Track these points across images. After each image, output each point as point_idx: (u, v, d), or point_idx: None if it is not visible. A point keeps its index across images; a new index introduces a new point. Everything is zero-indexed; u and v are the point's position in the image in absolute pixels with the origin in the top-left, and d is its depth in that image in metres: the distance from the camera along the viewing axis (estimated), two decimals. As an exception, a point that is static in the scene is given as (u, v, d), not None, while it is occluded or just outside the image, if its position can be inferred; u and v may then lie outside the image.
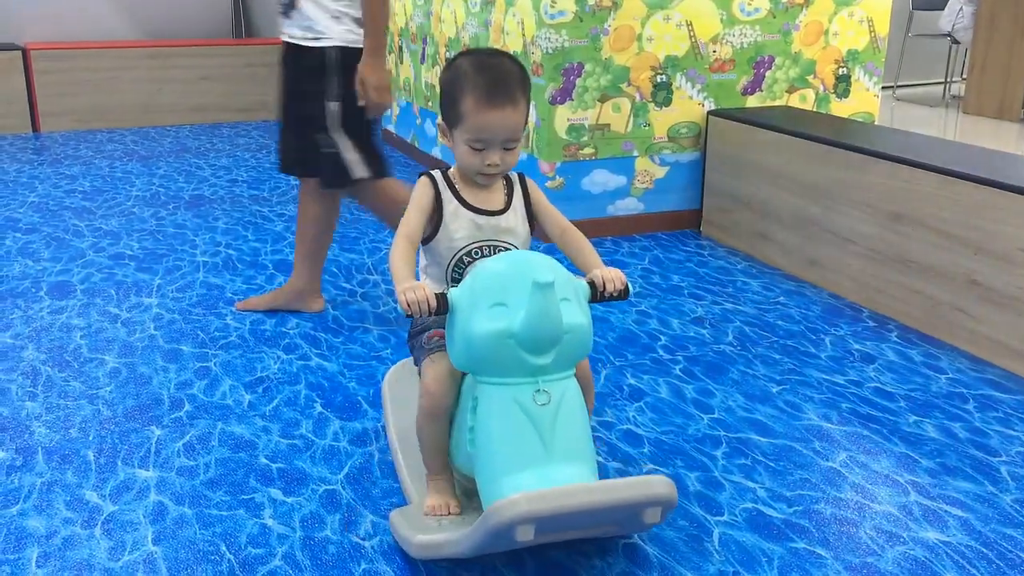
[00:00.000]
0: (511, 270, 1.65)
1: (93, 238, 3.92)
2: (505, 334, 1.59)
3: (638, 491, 1.52)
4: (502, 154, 1.82)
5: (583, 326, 1.66)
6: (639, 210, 4.02)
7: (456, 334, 1.67)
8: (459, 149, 1.85)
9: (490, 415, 1.64)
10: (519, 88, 1.81)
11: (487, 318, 1.61)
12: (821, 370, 2.68)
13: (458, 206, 1.88)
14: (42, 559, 1.81)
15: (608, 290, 1.78)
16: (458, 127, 1.82)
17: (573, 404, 1.66)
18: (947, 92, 7.62)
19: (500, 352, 1.60)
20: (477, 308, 1.63)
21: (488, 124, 1.78)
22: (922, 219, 2.95)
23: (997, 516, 1.97)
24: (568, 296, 1.66)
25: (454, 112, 1.82)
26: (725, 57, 3.97)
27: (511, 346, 1.60)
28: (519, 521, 1.45)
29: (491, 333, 1.60)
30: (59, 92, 6.32)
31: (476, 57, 1.85)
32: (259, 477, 2.10)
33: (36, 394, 2.50)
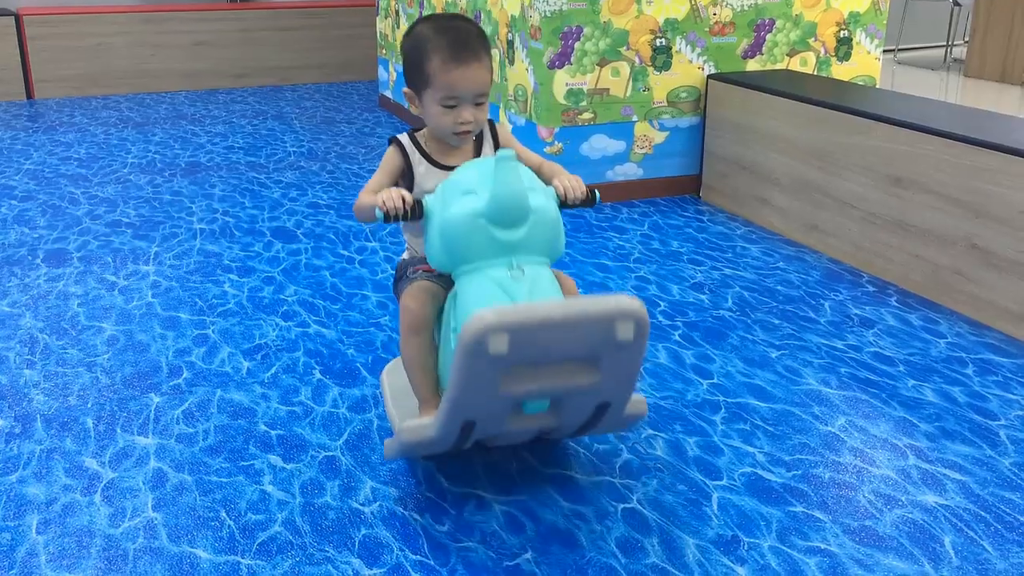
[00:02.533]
0: (478, 165, 1.77)
1: (89, 205, 3.90)
2: (475, 214, 1.68)
3: (606, 303, 1.54)
4: (473, 111, 1.88)
5: (548, 209, 1.74)
6: (638, 175, 3.99)
7: (432, 231, 1.75)
8: (430, 111, 1.90)
9: (467, 296, 1.69)
10: (481, 46, 1.88)
11: (458, 205, 1.70)
12: (820, 335, 2.67)
13: (428, 166, 1.94)
14: (42, 526, 1.81)
15: (569, 197, 1.86)
16: (427, 89, 1.87)
17: (548, 283, 1.71)
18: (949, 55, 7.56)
19: (473, 235, 1.68)
20: (449, 201, 1.73)
21: (457, 80, 1.84)
22: (923, 183, 2.93)
23: (995, 479, 1.98)
24: (535, 187, 1.76)
25: (421, 76, 1.87)
26: (725, 20, 3.93)
27: (482, 226, 1.67)
28: (491, 329, 1.46)
29: (462, 215, 1.68)
30: (53, 58, 6.26)
31: (435, 21, 1.91)
32: (258, 444, 2.10)
33: (34, 362, 2.50)
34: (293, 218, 3.73)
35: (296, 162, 4.62)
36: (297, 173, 4.41)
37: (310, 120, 5.61)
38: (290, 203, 3.93)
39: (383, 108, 5.94)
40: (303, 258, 3.28)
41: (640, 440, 2.12)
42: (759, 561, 1.72)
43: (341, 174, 4.39)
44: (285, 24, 6.75)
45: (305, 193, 4.07)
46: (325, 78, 6.94)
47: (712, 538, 1.78)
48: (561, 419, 1.73)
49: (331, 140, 5.09)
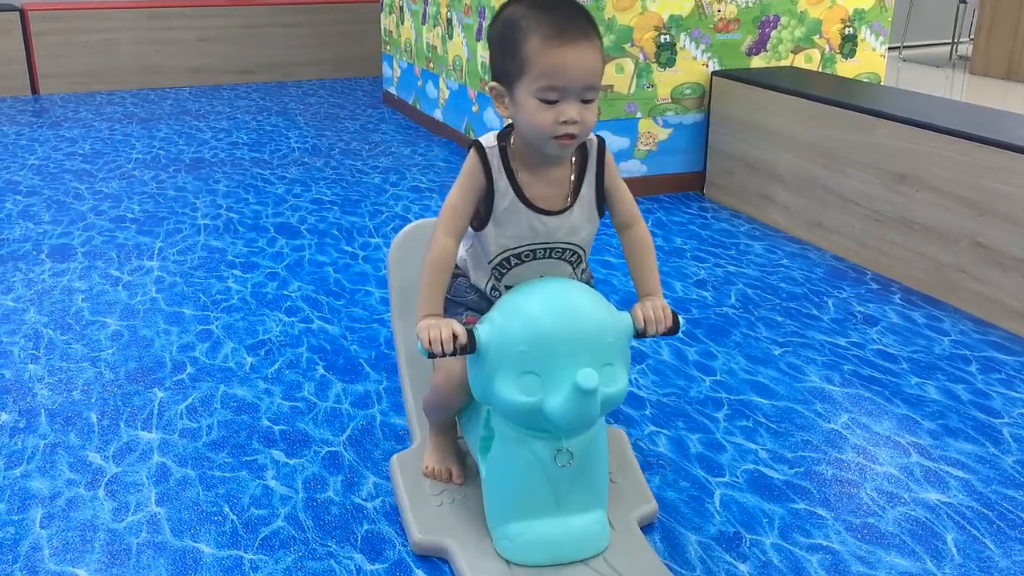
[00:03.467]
0: (550, 330, 1.46)
1: (94, 201, 3.91)
2: (535, 408, 1.47)
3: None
4: (580, 108, 1.47)
5: (620, 392, 1.51)
6: (642, 172, 3.99)
7: (480, 379, 1.53)
8: (525, 109, 1.49)
9: (505, 459, 1.59)
10: (592, 26, 1.49)
11: (516, 386, 1.46)
12: (823, 332, 2.67)
13: (514, 200, 1.57)
14: (46, 520, 1.82)
15: (650, 333, 1.58)
16: (522, 78, 1.47)
17: (593, 457, 1.59)
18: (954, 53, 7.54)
19: (527, 419, 1.51)
20: (506, 368, 1.47)
21: (562, 63, 1.44)
22: (927, 180, 2.93)
23: (998, 477, 1.97)
24: (610, 359, 1.49)
25: (515, 62, 1.48)
26: (730, 16, 3.92)
27: (540, 419, 1.48)
28: None
29: (519, 404, 1.47)
30: (58, 54, 6.27)
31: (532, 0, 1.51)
32: (261, 439, 2.10)
33: (38, 356, 2.50)
34: (297, 214, 3.73)
35: (300, 158, 4.62)
36: (301, 169, 4.41)
37: (314, 116, 5.61)
38: (294, 199, 3.93)
39: (387, 104, 5.94)
40: (307, 254, 3.29)
41: (643, 437, 2.12)
42: (761, 558, 1.72)
43: (345, 170, 4.39)
44: (289, 20, 6.76)
45: (309, 189, 4.08)
46: (329, 74, 6.94)
47: (714, 535, 1.78)
48: None
49: (335, 136, 5.10)
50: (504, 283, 1.65)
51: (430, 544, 1.69)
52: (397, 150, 4.79)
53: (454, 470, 1.82)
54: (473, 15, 4.43)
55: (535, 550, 1.60)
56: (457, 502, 1.77)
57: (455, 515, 1.74)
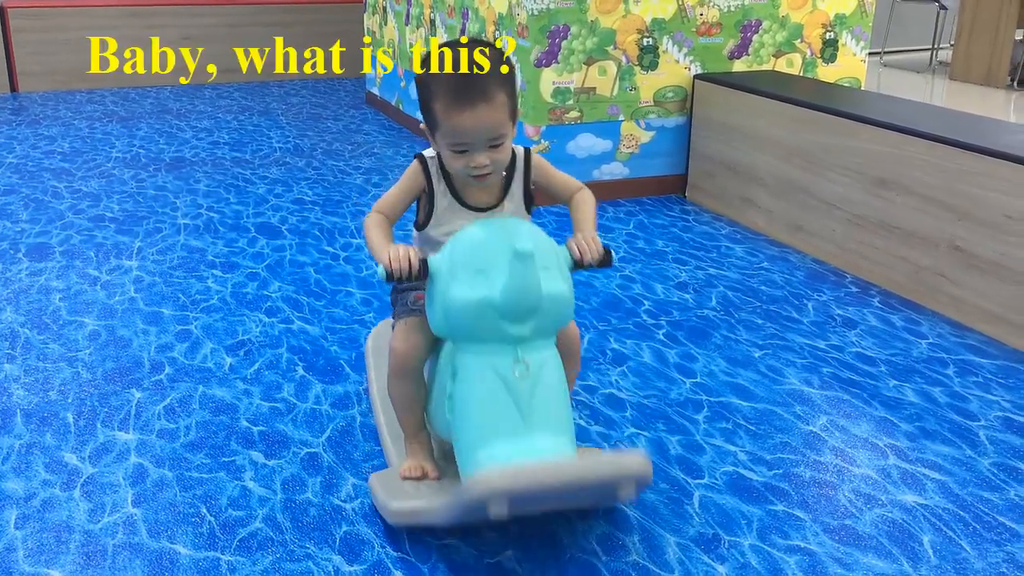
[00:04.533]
0: (491, 237, 1.64)
1: (72, 200, 3.87)
2: (484, 303, 1.59)
3: (612, 468, 1.53)
4: (488, 153, 1.70)
5: (563, 294, 1.64)
6: (624, 175, 4.00)
7: (435, 300, 1.66)
8: (443, 154, 1.75)
9: (468, 383, 1.63)
10: (493, 82, 1.66)
11: (467, 286, 1.60)
12: (803, 335, 2.68)
13: (452, 201, 1.82)
14: (21, 521, 1.80)
15: (584, 260, 1.73)
16: (436, 131, 1.72)
17: (552, 374, 1.65)
18: (934, 58, 7.60)
19: (479, 320, 1.60)
20: (456, 275, 1.62)
21: (462, 127, 1.66)
22: (907, 185, 2.95)
23: (975, 479, 1.99)
24: (549, 264, 1.64)
25: (430, 117, 1.72)
26: (712, 20, 3.94)
27: (490, 314, 1.59)
28: (492, 497, 1.45)
29: (470, 301, 1.59)
30: (37, 51, 6.22)
31: (448, 53, 1.69)
32: (240, 440, 2.09)
33: (14, 356, 2.48)
34: (278, 214, 3.72)
35: (282, 158, 4.60)
36: (283, 169, 4.39)
37: (296, 116, 5.59)
38: (275, 199, 3.91)
39: (370, 105, 5.93)
40: (287, 254, 3.27)
41: (623, 439, 2.12)
42: (739, 559, 1.72)
43: (327, 170, 4.38)
44: (272, 20, 6.73)
45: (290, 189, 4.06)
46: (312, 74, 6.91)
47: (693, 536, 1.78)
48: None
49: (317, 136, 5.08)
50: None
51: (406, 508, 1.71)
52: (380, 151, 4.78)
53: (428, 467, 1.84)
54: (456, 16, 4.43)
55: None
56: (433, 488, 1.79)
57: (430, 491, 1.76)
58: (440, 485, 1.80)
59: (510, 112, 1.70)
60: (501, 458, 1.56)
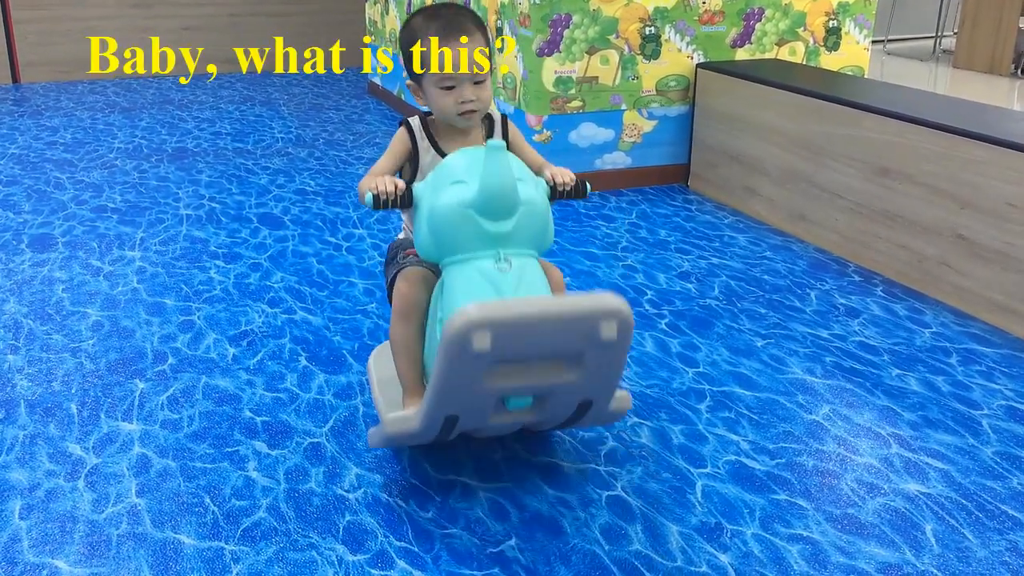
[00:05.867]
0: (469, 155, 1.74)
1: (75, 190, 3.88)
2: (464, 204, 1.66)
3: (590, 302, 1.54)
4: (473, 88, 1.87)
5: (538, 202, 1.73)
6: (627, 164, 3.99)
7: (420, 219, 1.74)
8: (431, 96, 1.90)
9: (454, 287, 1.68)
10: (472, 23, 1.89)
11: (447, 194, 1.69)
12: (806, 324, 2.68)
13: (435, 155, 1.93)
14: (25, 511, 1.81)
15: (558, 183, 1.85)
16: (425, 75, 1.89)
17: (535, 276, 1.70)
18: (938, 46, 7.57)
19: (461, 225, 1.67)
20: (438, 189, 1.71)
21: (450, 59, 1.85)
22: (910, 174, 2.94)
23: (977, 468, 1.99)
24: (524, 177, 1.74)
25: (421, 61, 1.89)
26: (714, 9, 3.92)
27: (470, 216, 1.66)
28: (473, 326, 1.45)
29: (451, 204, 1.67)
30: (39, 42, 6.21)
31: (426, 11, 1.93)
32: (243, 430, 2.10)
33: (18, 347, 2.48)
34: (280, 204, 3.71)
35: (284, 148, 4.60)
36: (285, 159, 4.39)
37: (298, 106, 5.58)
38: (277, 189, 3.91)
39: (371, 95, 5.92)
40: (290, 245, 3.27)
41: (625, 428, 2.12)
42: (742, 548, 1.73)
43: (329, 161, 4.38)
44: (273, 10, 6.71)
45: (292, 180, 4.06)
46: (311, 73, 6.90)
47: (696, 525, 1.79)
48: (544, 415, 1.73)
49: (319, 127, 5.07)
50: None
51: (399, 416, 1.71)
52: (382, 141, 4.77)
53: None
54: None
55: None
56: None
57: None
58: None
59: (488, 54, 1.91)
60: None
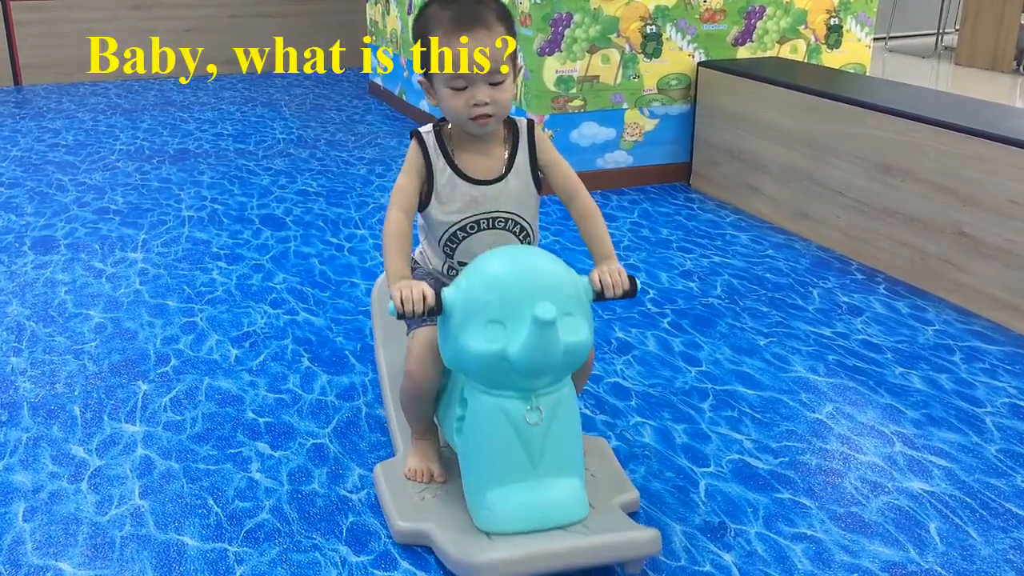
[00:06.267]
0: (511, 280, 1.53)
1: (77, 192, 3.88)
2: (500, 356, 1.52)
3: (622, 552, 1.54)
4: (488, 90, 1.62)
5: (583, 342, 1.56)
6: (628, 163, 3.99)
7: (449, 340, 1.59)
8: (442, 97, 1.66)
9: (479, 424, 1.61)
10: (491, 12, 1.62)
11: (482, 336, 1.52)
12: (809, 322, 2.68)
13: (452, 175, 1.71)
14: (28, 513, 1.81)
15: (607, 296, 1.64)
16: (436, 71, 1.65)
17: (564, 415, 1.62)
18: (939, 43, 7.56)
19: (493, 371, 1.55)
20: (472, 321, 1.53)
21: (464, 54, 1.59)
22: (912, 171, 2.94)
23: (981, 466, 1.98)
24: (570, 310, 1.55)
25: (428, 58, 1.65)
26: (715, 7, 3.92)
27: (505, 368, 1.53)
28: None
29: (485, 354, 1.52)
30: (41, 44, 6.22)
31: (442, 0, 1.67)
32: (246, 431, 2.10)
33: (21, 349, 2.49)
34: (282, 205, 3.71)
35: (285, 149, 4.60)
36: (286, 160, 4.39)
37: (300, 107, 5.58)
38: (279, 190, 3.91)
39: (373, 95, 5.92)
40: (292, 245, 3.27)
41: (628, 427, 2.12)
42: (746, 547, 1.72)
43: (331, 161, 4.38)
44: (274, 11, 6.71)
45: (294, 180, 4.06)
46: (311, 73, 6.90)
47: (699, 525, 1.79)
48: None
49: (320, 127, 5.07)
50: (457, 259, 1.77)
51: (412, 530, 1.69)
52: (383, 141, 4.78)
53: (435, 470, 1.82)
54: (459, 5, 4.41)
55: (513, 517, 1.59)
56: (439, 496, 1.77)
57: (437, 506, 1.74)
58: (445, 489, 1.78)
59: (512, 53, 1.64)
60: (509, 502, 1.58)
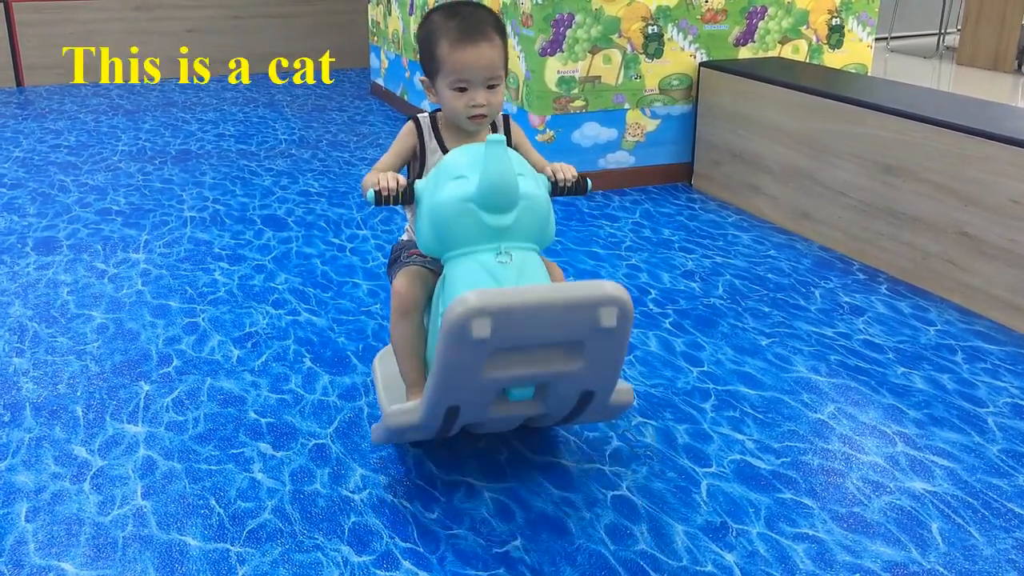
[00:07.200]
0: (470, 151, 1.74)
1: (79, 193, 3.88)
2: (465, 198, 1.67)
3: (589, 289, 1.54)
4: (486, 93, 1.86)
5: (538, 196, 1.73)
6: (630, 163, 3.99)
7: (422, 215, 1.75)
8: (444, 96, 1.89)
9: (455, 280, 1.68)
10: (491, 26, 1.87)
11: (448, 189, 1.69)
12: (810, 323, 2.68)
13: (441, 156, 1.90)
14: (31, 513, 1.81)
15: (559, 179, 1.85)
16: (439, 74, 1.87)
17: (536, 270, 1.70)
18: (941, 43, 7.55)
19: (461, 219, 1.67)
20: (439, 185, 1.72)
21: (466, 61, 1.83)
22: (914, 171, 2.94)
23: (983, 466, 1.98)
24: (525, 172, 1.74)
25: (433, 62, 1.88)
26: (717, 7, 3.92)
27: (471, 210, 1.66)
28: (473, 313, 1.46)
29: (452, 199, 1.68)
30: (43, 45, 6.22)
31: (446, 8, 1.90)
32: (248, 432, 2.10)
33: (23, 350, 2.49)
34: (284, 206, 3.72)
35: (287, 150, 4.60)
36: (288, 161, 4.39)
37: (301, 108, 5.58)
38: (281, 191, 3.92)
39: (375, 96, 5.92)
40: (294, 246, 3.27)
41: (630, 428, 2.12)
42: (747, 547, 1.72)
43: (332, 162, 4.38)
44: (276, 11, 6.72)
45: (296, 181, 4.06)
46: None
47: (701, 525, 1.79)
48: (546, 407, 1.73)
49: (322, 128, 5.08)
50: None
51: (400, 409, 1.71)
52: (385, 142, 4.78)
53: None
54: (460, 6, 4.42)
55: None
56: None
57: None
58: None
59: (504, 60, 1.88)
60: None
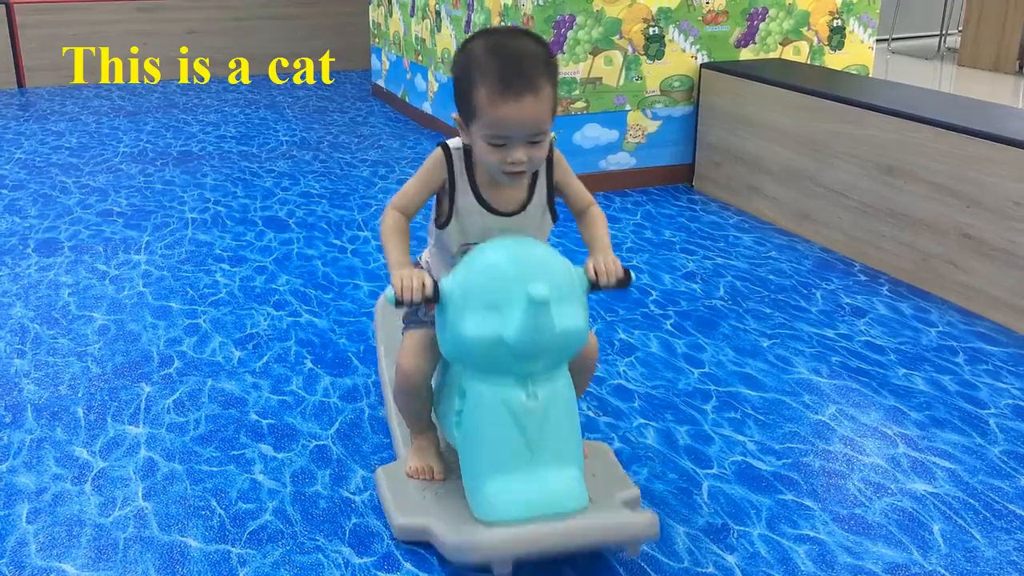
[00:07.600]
0: (507, 266, 1.57)
1: (80, 195, 3.88)
2: (496, 341, 1.54)
3: (619, 533, 1.55)
4: (527, 149, 1.57)
5: (577, 328, 1.58)
6: (631, 165, 3.99)
7: (447, 328, 1.61)
8: (478, 146, 1.61)
9: (477, 413, 1.62)
10: (542, 73, 1.55)
11: (479, 321, 1.55)
12: (812, 324, 2.68)
13: (473, 202, 1.68)
14: (32, 515, 1.81)
15: (601, 283, 1.65)
16: (474, 122, 1.58)
17: (562, 404, 1.63)
18: (942, 44, 7.56)
19: (490, 356, 1.57)
20: (469, 307, 1.56)
21: (506, 118, 1.53)
22: (915, 172, 2.93)
23: (985, 468, 1.98)
24: (564, 296, 1.57)
25: (468, 106, 1.58)
26: (718, 8, 3.92)
27: (502, 352, 1.55)
28: (498, 561, 1.50)
29: (482, 338, 1.55)
30: (44, 47, 6.23)
31: (490, 38, 1.59)
32: (249, 433, 2.10)
33: (24, 351, 2.49)
34: (285, 207, 3.72)
35: (288, 151, 4.60)
36: (289, 162, 4.39)
37: (303, 109, 5.59)
38: (282, 192, 3.92)
39: (376, 97, 5.92)
40: (295, 247, 3.28)
41: (631, 429, 2.12)
42: (749, 549, 1.72)
43: (334, 163, 4.38)
44: (277, 12, 6.73)
45: (297, 182, 4.06)
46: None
47: (702, 526, 1.78)
48: None
49: (323, 129, 5.08)
50: None
51: (412, 525, 1.70)
52: (386, 143, 4.78)
53: (435, 466, 1.82)
54: (462, 7, 4.42)
55: (512, 506, 1.59)
56: (440, 495, 1.77)
57: (437, 503, 1.74)
58: (444, 487, 1.78)
59: (552, 109, 1.59)
60: (509, 490, 1.58)
